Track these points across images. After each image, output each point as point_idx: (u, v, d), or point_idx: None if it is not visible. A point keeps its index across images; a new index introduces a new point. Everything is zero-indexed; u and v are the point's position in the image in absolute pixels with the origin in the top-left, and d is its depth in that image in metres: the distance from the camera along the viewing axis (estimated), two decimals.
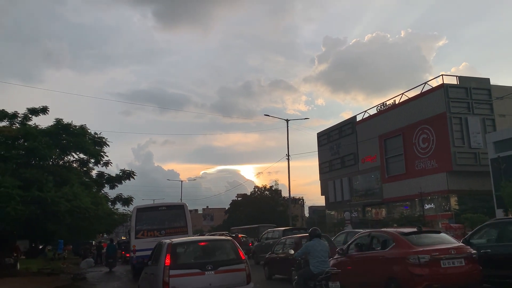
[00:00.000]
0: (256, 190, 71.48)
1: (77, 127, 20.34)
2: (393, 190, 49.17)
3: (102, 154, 22.16)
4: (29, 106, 20.96)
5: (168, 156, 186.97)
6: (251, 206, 65.30)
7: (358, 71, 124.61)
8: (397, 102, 50.56)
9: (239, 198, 75.00)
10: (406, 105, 48.53)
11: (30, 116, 20.78)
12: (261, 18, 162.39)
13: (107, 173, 24.76)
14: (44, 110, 20.98)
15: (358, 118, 57.77)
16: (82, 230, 25.18)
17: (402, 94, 50.06)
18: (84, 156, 22.02)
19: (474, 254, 7.91)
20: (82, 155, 21.94)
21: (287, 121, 35.77)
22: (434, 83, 46.80)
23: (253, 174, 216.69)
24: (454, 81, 45.23)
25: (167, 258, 7.47)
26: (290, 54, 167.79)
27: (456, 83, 44.78)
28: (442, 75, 45.30)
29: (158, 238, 14.41)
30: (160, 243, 8.61)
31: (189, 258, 8.05)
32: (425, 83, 47.28)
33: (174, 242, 7.95)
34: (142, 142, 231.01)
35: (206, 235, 20.25)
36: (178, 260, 7.64)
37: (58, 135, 19.81)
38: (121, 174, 24.92)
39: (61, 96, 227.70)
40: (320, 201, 73.46)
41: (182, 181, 64.76)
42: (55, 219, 17.43)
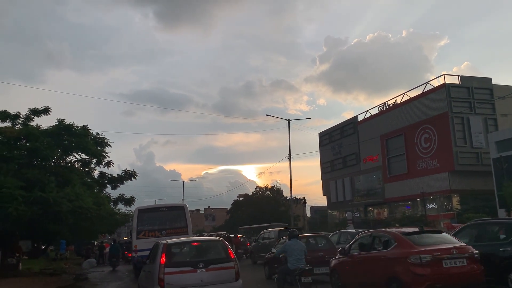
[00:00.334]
0: (257, 190, 71.53)
1: (79, 128, 20.35)
2: (395, 190, 49.12)
3: (103, 154, 22.19)
4: (31, 107, 20.93)
5: (169, 156, 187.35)
6: (253, 206, 65.32)
7: (359, 71, 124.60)
8: (398, 102, 50.50)
9: (241, 198, 75.04)
10: (407, 105, 48.47)
11: (32, 116, 20.76)
12: (262, 18, 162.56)
13: (109, 173, 24.79)
14: (46, 110, 20.97)
15: (360, 118, 57.75)
16: (84, 231, 25.23)
17: (404, 94, 50.03)
18: (86, 156, 22.02)
19: (476, 254, 7.89)
20: (84, 156, 21.94)
21: (289, 121, 35.75)
22: (436, 83, 46.80)
23: (254, 174, 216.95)
24: (456, 80, 45.16)
25: (163, 257, 8.03)
26: (292, 54, 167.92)
27: (458, 83, 44.69)
28: (443, 75, 45.28)
29: (159, 238, 14.56)
30: (157, 243, 9.13)
31: (182, 257, 8.61)
32: (426, 83, 47.26)
33: (169, 243, 8.53)
34: (144, 142, 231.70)
35: (205, 236, 20.55)
36: (173, 259, 8.19)
37: (60, 136, 19.82)
38: (123, 174, 24.94)
39: (62, 96, 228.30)
40: (322, 201, 73.37)
41: (183, 181, 64.43)
42: (57, 220, 17.48)
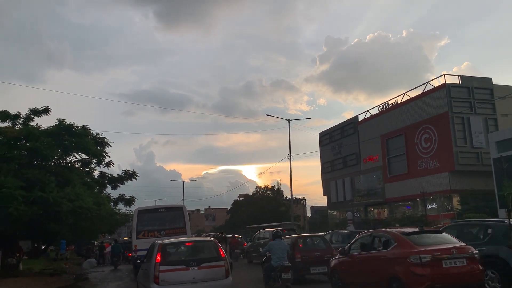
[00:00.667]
0: (258, 190, 71.50)
1: (79, 128, 20.34)
2: (395, 190, 49.10)
3: (104, 154, 22.21)
4: (31, 107, 20.94)
5: (170, 156, 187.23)
6: (253, 206, 65.32)
7: (359, 71, 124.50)
8: (399, 102, 50.45)
9: (241, 198, 75.03)
10: (408, 105, 48.45)
11: (32, 116, 20.76)
12: (262, 18, 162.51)
13: (109, 173, 24.84)
14: (46, 110, 20.97)
15: (360, 118, 57.70)
16: (85, 231, 25.26)
17: (404, 94, 49.99)
18: (86, 156, 22.04)
19: (476, 254, 7.90)
20: (84, 156, 21.96)
21: (289, 121, 35.74)
22: (436, 83, 46.72)
23: (255, 174, 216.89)
24: (456, 80, 45.11)
25: (158, 256, 8.62)
26: (292, 54, 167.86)
27: (458, 83, 44.64)
28: (444, 75, 45.22)
29: (158, 238, 14.86)
30: (153, 243, 9.72)
31: (176, 256, 9.18)
32: (427, 83, 47.19)
33: (164, 243, 9.14)
34: (144, 142, 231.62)
35: (203, 236, 21.19)
36: (167, 257, 8.76)
37: (60, 136, 19.82)
38: (123, 174, 24.98)
39: (63, 96, 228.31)
40: (322, 201, 73.38)
41: (184, 181, 64.36)
42: (58, 220, 17.52)
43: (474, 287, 7.89)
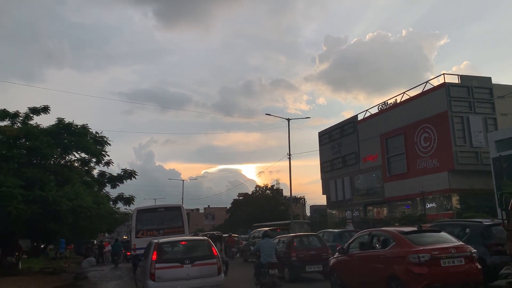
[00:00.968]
0: (257, 189, 71.48)
1: (78, 127, 20.33)
2: (394, 189, 49.12)
3: (103, 153, 22.20)
4: (30, 106, 20.96)
5: (169, 155, 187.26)
6: (253, 205, 65.30)
7: (359, 70, 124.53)
8: (398, 101, 50.45)
9: (241, 198, 75.01)
10: (407, 104, 48.45)
11: (32, 115, 20.75)
12: (262, 17, 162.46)
13: (109, 172, 24.80)
14: (45, 109, 20.96)
15: (360, 117, 57.69)
16: (84, 230, 25.18)
17: (404, 93, 49.99)
18: (85, 155, 22.03)
19: (474, 253, 7.93)
20: (83, 155, 21.94)
21: (288, 120, 35.70)
22: (436, 82, 46.72)
23: (254, 174, 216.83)
24: (455, 80, 45.11)
25: (154, 254, 9.14)
26: (291, 53, 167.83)
27: (457, 82, 44.65)
28: (443, 74, 45.21)
29: (157, 237, 15.06)
30: (150, 242, 10.26)
31: (172, 254, 9.64)
32: (426, 82, 47.21)
33: (160, 242, 9.68)
34: (144, 141, 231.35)
35: (200, 235, 22.51)
36: (163, 256, 9.27)
37: (60, 135, 19.82)
38: (122, 173, 24.95)
39: (62, 95, 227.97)
40: (321, 200, 73.50)
41: (183, 180, 64.43)
42: (57, 219, 17.47)
43: (472, 286, 7.91)
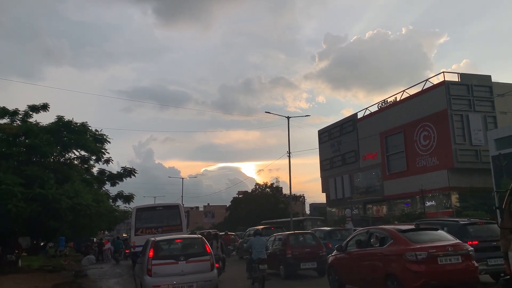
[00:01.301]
0: (257, 187, 71.48)
1: (78, 124, 20.38)
2: (394, 187, 49.18)
3: (103, 151, 22.25)
4: (30, 103, 20.96)
5: (169, 153, 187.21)
6: (252, 203, 65.31)
7: (359, 68, 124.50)
8: (398, 99, 50.49)
9: (240, 196, 75.05)
10: (407, 102, 48.47)
11: (31, 113, 20.77)
12: (261, 15, 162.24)
13: (108, 170, 24.82)
14: (44, 107, 20.97)
15: (359, 116, 57.72)
16: (83, 227, 25.13)
17: (403, 91, 49.99)
18: (85, 153, 22.06)
19: (471, 251, 7.96)
20: (83, 152, 21.98)
21: (288, 118, 35.65)
22: (435, 80, 46.70)
23: (254, 172, 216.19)
24: (455, 78, 45.12)
25: (151, 251, 9.61)
26: (291, 51, 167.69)
27: (457, 80, 44.67)
28: (443, 72, 45.23)
29: (155, 235, 15.42)
30: (148, 240, 10.71)
31: (167, 251, 10.08)
32: (426, 80, 47.23)
33: (157, 240, 10.19)
34: (143, 139, 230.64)
35: (197, 233, 23.04)
36: (159, 253, 9.72)
37: (59, 132, 19.84)
38: (122, 171, 24.95)
39: (62, 93, 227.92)
40: (321, 198, 73.47)
41: (183, 178, 64.54)
42: (57, 216, 17.51)
43: (469, 284, 7.95)
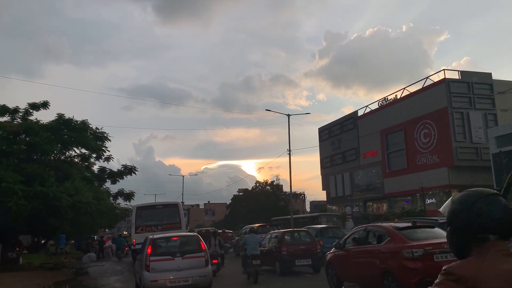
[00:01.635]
0: (257, 185, 71.49)
1: (78, 122, 20.43)
2: (394, 185, 49.23)
3: (103, 149, 22.29)
4: (30, 101, 21.03)
5: (169, 151, 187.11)
6: (253, 201, 65.38)
7: (359, 66, 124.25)
8: (398, 97, 50.49)
9: (241, 193, 75.05)
10: (407, 100, 48.46)
11: (31, 111, 20.83)
12: (261, 12, 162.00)
13: (109, 168, 24.90)
14: (44, 104, 21.04)
15: (360, 113, 57.73)
16: (84, 225, 25.34)
17: (404, 89, 50.01)
18: (85, 151, 22.14)
19: None
20: (83, 150, 22.06)
21: (288, 116, 35.62)
22: (436, 78, 46.69)
23: (254, 169, 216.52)
24: (455, 75, 45.10)
25: (149, 248, 10.16)
26: (291, 49, 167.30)
27: (457, 78, 44.65)
28: (443, 70, 45.23)
29: (155, 232, 15.75)
30: (146, 238, 11.28)
31: (164, 248, 10.67)
32: (426, 78, 47.20)
33: (154, 237, 10.82)
34: (143, 137, 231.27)
35: (195, 231, 23.75)
36: (157, 250, 10.32)
37: (60, 130, 19.91)
38: (122, 169, 25.03)
39: (62, 91, 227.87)
40: (321, 196, 73.57)
41: (183, 176, 64.38)
42: (57, 214, 17.62)
43: None
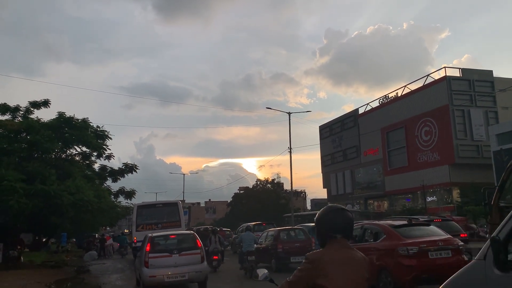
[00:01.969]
0: (258, 183, 71.53)
1: (79, 121, 20.52)
2: (395, 182, 49.24)
3: (104, 147, 22.43)
4: (30, 100, 21.08)
5: (170, 149, 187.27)
6: (254, 199, 65.46)
7: (360, 64, 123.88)
8: (399, 95, 50.42)
9: (241, 191, 75.13)
10: (408, 97, 48.42)
11: (32, 109, 20.91)
12: (262, 10, 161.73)
13: (110, 166, 25.02)
14: (45, 103, 21.12)
15: (360, 111, 57.69)
16: (85, 223, 25.37)
17: (405, 86, 49.95)
18: (86, 149, 22.24)
19: (461, 246, 8.10)
20: (84, 148, 22.17)
21: (289, 114, 35.68)
22: (437, 76, 46.62)
23: (255, 167, 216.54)
24: (456, 73, 45.03)
25: (148, 246, 10.77)
26: (292, 47, 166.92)
27: (458, 76, 44.57)
28: (444, 68, 45.13)
29: (155, 231, 15.96)
30: (146, 236, 11.90)
31: (162, 246, 11.22)
32: (427, 76, 47.16)
33: (153, 235, 11.37)
34: (144, 135, 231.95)
35: (194, 229, 24.12)
36: (155, 247, 10.90)
37: (61, 129, 20.02)
38: (123, 167, 25.15)
39: (62, 89, 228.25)
40: (322, 193, 73.42)
41: (184, 174, 64.56)
42: (58, 212, 17.73)
43: None
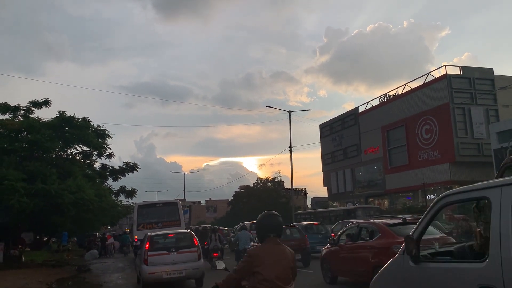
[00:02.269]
0: (258, 182, 71.65)
1: (80, 120, 20.63)
2: (395, 181, 49.23)
3: (105, 146, 22.55)
4: (31, 99, 21.22)
5: (170, 148, 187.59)
6: (254, 198, 65.57)
7: (360, 62, 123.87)
8: (399, 93, 50.35)
9: (242, 190, 75.25)
10: (408, 96, 48.37)
11: (33, 108, 21.02)
12: (262, 9, 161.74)
13: (110, 165, 25.17)
14: (46, 102, 21.22)
15: (361, 109, 57.60)
16: (86, 222, 25.59)
17: (405, 85, 49.85)
18: (87, 148, 22.37)
19: None
20: (85, 148, 22.30)
21: (290, 112, 35.85)
22: (437, 74, 46.44)
23: (255, 166, 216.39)
24: (457, 71, 44.92)
25: (147, 244, 11.31)
26: (292, 46, 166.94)
27: (459, 74, 44.48)
28: (445, 66, 45.00)
29: (155, 230, 16.26)
30: (145, 234, 12.44)
31: (161, 244, 11.77)
32: (427, 74, 47.06)
33: (152, 234, 11.96)
34: (145, 134, 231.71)
35: (192, 228, 25.09)
36: (154, 245, 11.44)
37: (61, 128, 20.12)
38: (124, 166, 25.27)
39: (63, 88, 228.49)
40: (322, 192, 73.49)
41: (185, 173, 64.83)
42: (59, 211, 17.84)
43: None
